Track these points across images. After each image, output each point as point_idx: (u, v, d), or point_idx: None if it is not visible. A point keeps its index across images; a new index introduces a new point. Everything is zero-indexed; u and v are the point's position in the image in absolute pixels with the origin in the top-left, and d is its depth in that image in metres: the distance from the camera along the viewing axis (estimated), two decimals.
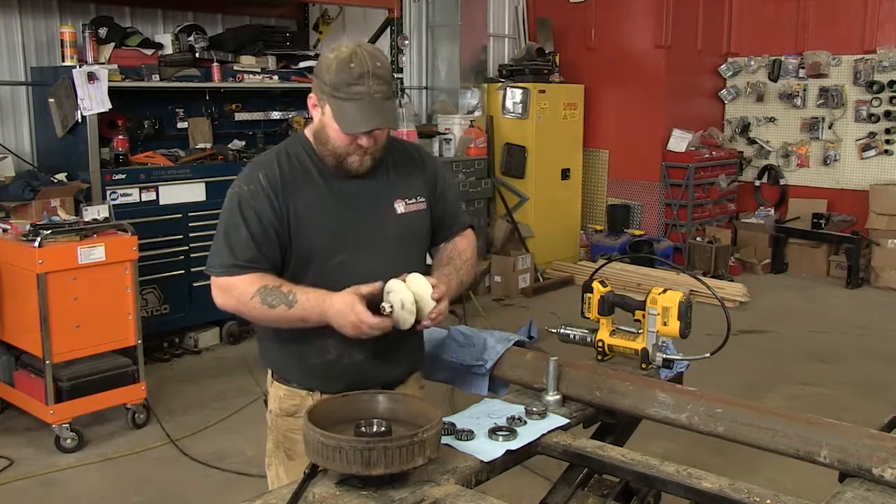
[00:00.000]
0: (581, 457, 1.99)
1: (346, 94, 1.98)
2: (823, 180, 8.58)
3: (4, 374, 4.52)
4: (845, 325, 6.68)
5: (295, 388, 2.21)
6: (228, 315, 5.85)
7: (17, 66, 5.53)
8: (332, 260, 2.10)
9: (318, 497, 1.70)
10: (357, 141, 2.05)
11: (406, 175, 2.22)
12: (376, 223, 2.15)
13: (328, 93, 2.01)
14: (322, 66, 2.04)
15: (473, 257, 2.32)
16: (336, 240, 2.10)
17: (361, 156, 2.08)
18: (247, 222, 2.05)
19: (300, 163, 2.13)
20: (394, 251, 2.16)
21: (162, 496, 3.83)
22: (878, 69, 8.07)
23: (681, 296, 2.30)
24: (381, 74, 2.00)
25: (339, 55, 2.01)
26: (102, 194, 5.08)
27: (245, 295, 2.03)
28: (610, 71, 8.60)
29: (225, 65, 5.88)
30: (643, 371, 2.36)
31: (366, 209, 2.14)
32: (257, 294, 2.01)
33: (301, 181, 2.10)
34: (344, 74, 1.98)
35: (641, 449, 2.01)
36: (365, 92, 1.98)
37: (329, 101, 2.02)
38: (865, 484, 1.78)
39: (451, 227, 2.33)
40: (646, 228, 8.51)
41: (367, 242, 2.13)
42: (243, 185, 2.11)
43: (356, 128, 2.01)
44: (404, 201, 2.19)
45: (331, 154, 2.09)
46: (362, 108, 1.98)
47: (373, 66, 1.98)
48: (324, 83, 2.02)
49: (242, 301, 2.04)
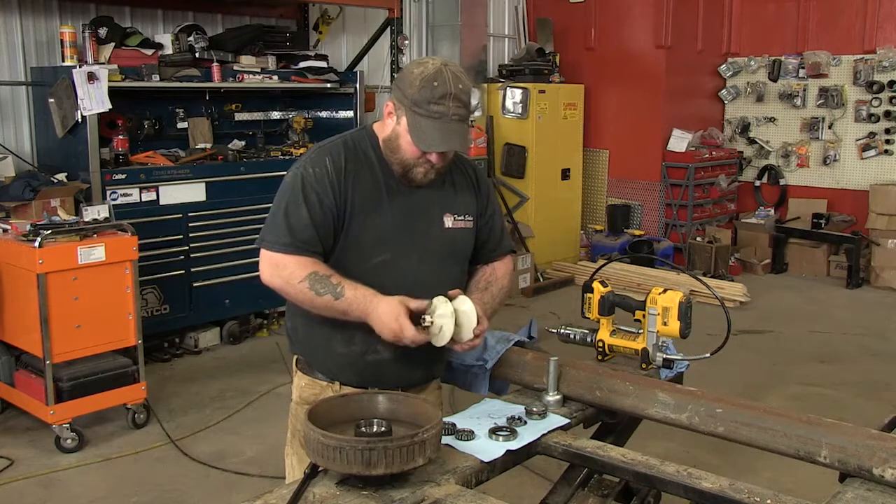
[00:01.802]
0: (581, 457, 1.99)
1: (425, 112, 2.03)
2: (823, 180, 8.58)
3: (5, 374, 4.52)
4: (845, 325, 6.68)
5: (317, 378, 2.24)
6: (229, 315, 5.92)
7: (17, 66, 5.53)
8: (375, 258, 2.14)
9: (319, 497, 1.70)
10: (427, 156, 2.10)
11: (459, 192, 2.27)
12: (423, 232, 2.19)
13: (408, 106, 2.05)
14: (405, 79, 2.07)
15: (508, 284, 2.38)
16: (382, 239, 2.14)
17: (427, 169, 2.13)
18: (308, 204, 2.08)
19: (365, 157, 2.16)
20: (435, 263, 2.21)
21: (162, 496, 3.83)
22: (878, 69, 8.07)
23: (681, 296, 2.30)
24: (462, 98, 2.06)
25: (424, 71, 2.04)
26: (102, 194, 5.07)
27: (295, 277, 2.05)
28: (610, 71, 8.60)
29: (225, 65, 5.88)
30: (643, 371, 2.37)
31: (416, 216, 2.18)
32: (307, 279, 2.04)
33: (363, 175, 2.14)
34: (427, 92, 2.02)
35: (641, 449, 2.01)
36: (444, 112, 2.03)
37: (407, 114, 2.06)
38: (866, 484, 1.78)
39: (494, 251, 2.38)
40: (646, 228, 8.51)
41: (410, 248, 2.17)
42: (308, 167, 2.12)
43: (430, 147, 2.06)
44: (453, 216, 2.24)
45: (398, 162, 2.13)
46: (439, 127, 2.03)
47: (455, 89, 2.03)
48: (405, 96, 2.06)
49: (290, 282, 2.06)
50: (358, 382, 2.15)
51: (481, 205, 2.33)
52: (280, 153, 6.28)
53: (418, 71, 2.05)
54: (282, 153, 6.28)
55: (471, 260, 2.34)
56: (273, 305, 6.08)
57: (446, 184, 2.24)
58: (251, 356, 5.71)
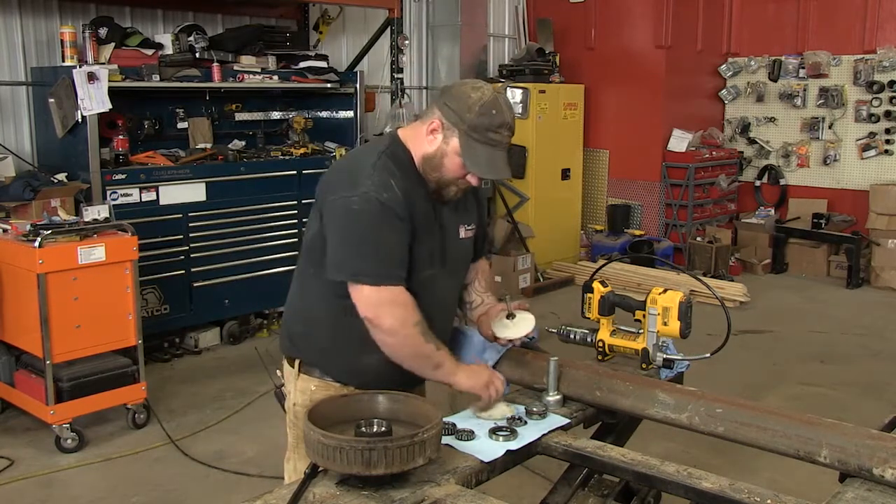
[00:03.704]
0: (581, 457, 1.99)
1: (482, 139, 2.07)
2: (823, 180, 8.58)
3: (5, 374, 4.52)
4: (845, 325, 6.67)
5: (329, 381, 2.23)
6: (229, 315, 5.92)
7: (17, 66, 5.53)
8: (423, 272, 2.17)
9: (319, 497, 1.70)
10: (468, 177, 2.14)
11: (468, 202, 2.33)
12: (449, 244, 2.25)
13: (464, 130, 2.07)
14: (461, 101, 2.08)
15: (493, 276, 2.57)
16: (428, 255, 2.18)
17: (461, 188, 2.18)
18: (395, 231, 2.07)
19: (409, 174, 2.15)
20: (456, 272, 2.32)
21: (162, 496, 3.83)
22: (878, 69, 8.07)
23: (681, 296, 2.30)
24: (513, 127, 2.12)
25: (483, 98, 2.07)
26: (103, 194, 5.07)
27: (410, 319, 2.07)
28: (610, 71, 8.60)
29: (225, 65, 5.88)
30: (643, 371, 2.37)
31: (445, 230, 2.24)
32: (420, 324, 2.08)
33: (416, 193, 2.15)
34: (486, 119, 2.06)
35: (641, 449, 2.02)
36: (500, 141, 2.09)
37: (461, 138, 2.08)
38: (866, 484, 1.78)
39: (481, 251, 2.48)
40: (646, 228, 8.51)
41: (444, 261, 2.23)
42: (382, 192, 2.05)
43: (485, 174, 2.14)
44: (464, 227, 2.31)
45: (436, 180, 2.16)
46: (493, 155, 2.09)
47: (510, 119, 2.10)
48: (460, 119, 2.07)
49: (405, 323, 2.06)
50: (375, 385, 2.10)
51: (480, 208, 2.42)
52: (280, 153, 6.27)
53: (476, 96, 2.07)
54: (282, 153, 6.27)
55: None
56: (273, 305, 6.08)
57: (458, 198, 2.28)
58: (251, 356, 5.71)
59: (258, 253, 5.88)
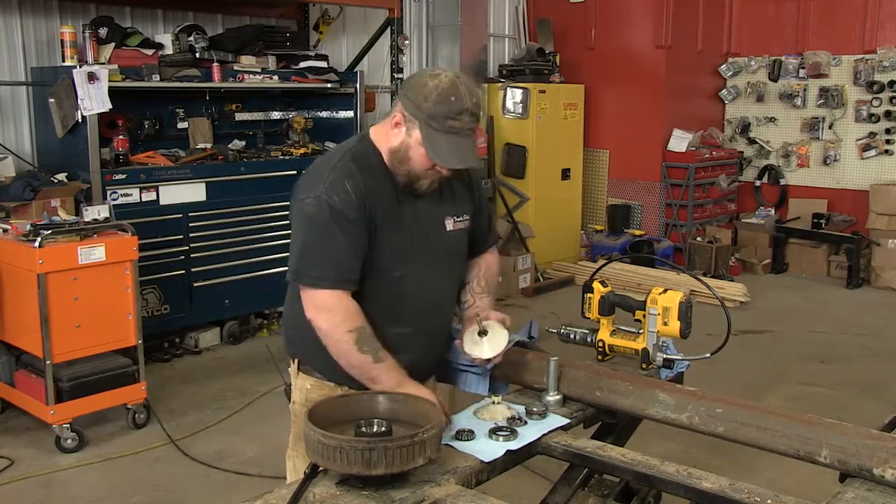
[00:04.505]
0: (581, 457, 1.99)
1: (441, 127, 2.01)
2: (824, 180, 8.58)
3: (5, 374, 4.52)
4: (845, 325, 6.67)
5: (323, 381, 2.23)
6: (229, 315, 5.92)
7: (17, 66, 5.53)
8: (394, 272, 2.13)
9: (319, 497, 1.70)
10: (437, 168, 2.08)
11: (457, 193, 2.28)
12: (431, 239, 2.20)
13: (423, 120, 2.02)
14: (419, 91, 2.04)
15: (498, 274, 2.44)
16: (400, 252, 2.14)
17: (434, 180, 2.13)
18: (345, 233, 2.05)
19: (373, 172, 2.12)
20: (442, 267, 2.23)
21: (162, 496, 3.83)
22: (878, 69, 8.07)
23: (681, 296, 2.30)
24: (476, 112, 2.06)
25: (440, 85, 2.01)
26: (103, 194, 5.07)
27: (344, 326, 2.03)
28: (610, 71, 8.60)
29: (225, 65, 5.88)
30: (643, 371, 2.37)
31: (424, 224, 2.19)
32: (355, 331, 2.03)
33: (378, 191, 2.11)
34: (443, 107, 2.00)
35: (641, 449, 2.02)
36: (460, 128, 2.03)
37: (422, 128, 2.03)
38: (866, 484, 1.78)
39: (484, 244, 2.40)
40: (646, 228, 8.50)
41: (422, 257, 2.18)
42: (332, 195, 2.05)
43: (447, 163, 2.06)
44: (453, 219, 2.24)
45: (405, 174, 2.11)
46: (455, 143, 2.03)
47: (471, 104, 2.03)
48: (419, 109, 2.03)
49: (338, 329, 2.04)
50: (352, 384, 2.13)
51: (475, 199, 2.34)
52: (280, 153, 6.27)
53: (433, 84, 2.02)
54: (282, 153, 6.27)
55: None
56: (273, 305, 6.08)
57: (444, 188, 2.23)
58: (251, 356, 5.71)
59: (258, 253, 5.87)
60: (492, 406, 2.14)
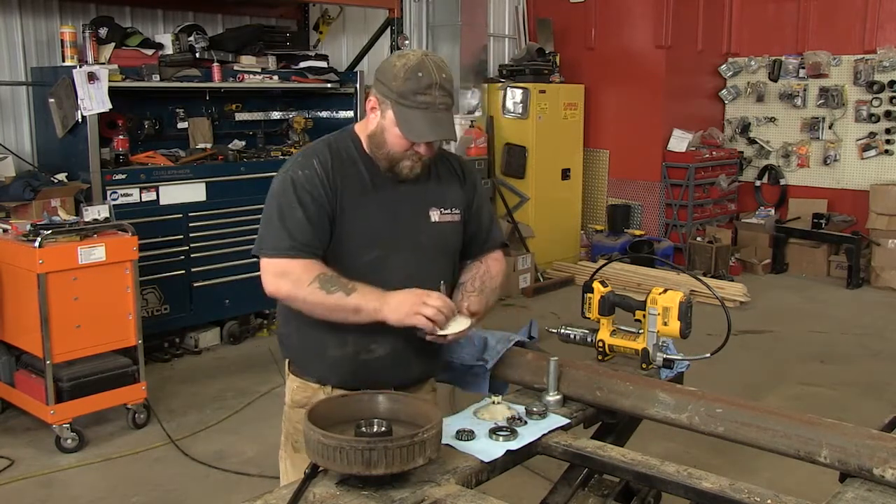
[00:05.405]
0: (581, 457, 1.99)
1: (411, 103, 2.03)
2: (824, 180, 8.58)
3: (5, 374, 4.52)
4: (845, 325, 6.67)
5: (308, 381, 2.24)
6: (229, 315, 5.92)
7: (17, 66, 5.53)
8: (366, 256, 2.13)
9: (319, 497, 1.70)
10: (415, 148, 2.09)
11: (445, 185, 2.26)
12: (411, 227, 2.18)
13: (393, 99, 2.04)
14: (388, 72, 2.06)
15: (501, 281, 2.35)
16: (372, 237, 2.14)
17: (415, 162, 2.12)
18: (303, 205, 2.07)
19: (349, 156, 2.17)
20: (425, 258, 2.20)
21: (162, 496, 3.83)
22: (878, 69, 8.07)
23: (681, 296, 2.30)
24: (447, 86, 2.06)
25: (407, 63, 2.03)
26: (103, 194, 5.07)
27: (303, 280, 2.04)
28: (610, 71, 8.60)
29: (225, 65, 5.88)
30: (643, 371, 2.36)
31: (403, 212, 2.18)
32: (316, 280, 2.03)
33: (349, 174, 2.14)
34: (412, 83, 2.01)
35: (641, 449, 2.01)
36: (431, 102, 2.03)
37: (393, 107, 2.05)
38: (866, 484, 1.78)
39: (484, 245, 2.36)
40: (646, 228, 8.51)
41: (400, 245, 2.16)
42: (297, 170, 2.12)
43: (420, 137, 2.06)
44: (439, 210, 2.22)
45: (385, 157, 2.13)
46: (427, 117, 2.03)
47: (440, 78, 2.03)
48: (389, 89, 2.05)
49: (299, 285, 2.04)
50: (353, 383, 2.14)
51: (468, 196, 2.30)
52: (280, 153, 6.27)
53: (401, 63, 2.04)
54: (282, 153, 6.27)
55: (462, 254, 2.33)
56: (273, 306, 6.04)
57: (431, 178, 2.23)
58: (251, 356, 5.71)
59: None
60: (492, 406, 2.14)
